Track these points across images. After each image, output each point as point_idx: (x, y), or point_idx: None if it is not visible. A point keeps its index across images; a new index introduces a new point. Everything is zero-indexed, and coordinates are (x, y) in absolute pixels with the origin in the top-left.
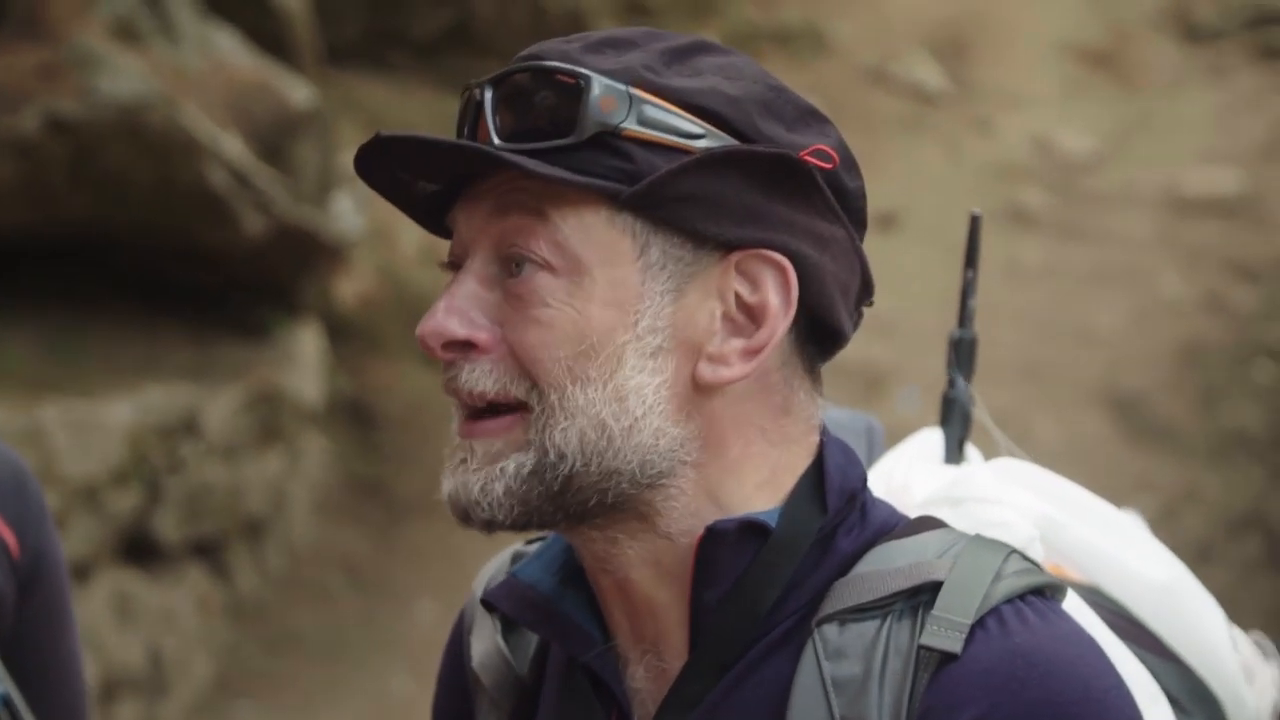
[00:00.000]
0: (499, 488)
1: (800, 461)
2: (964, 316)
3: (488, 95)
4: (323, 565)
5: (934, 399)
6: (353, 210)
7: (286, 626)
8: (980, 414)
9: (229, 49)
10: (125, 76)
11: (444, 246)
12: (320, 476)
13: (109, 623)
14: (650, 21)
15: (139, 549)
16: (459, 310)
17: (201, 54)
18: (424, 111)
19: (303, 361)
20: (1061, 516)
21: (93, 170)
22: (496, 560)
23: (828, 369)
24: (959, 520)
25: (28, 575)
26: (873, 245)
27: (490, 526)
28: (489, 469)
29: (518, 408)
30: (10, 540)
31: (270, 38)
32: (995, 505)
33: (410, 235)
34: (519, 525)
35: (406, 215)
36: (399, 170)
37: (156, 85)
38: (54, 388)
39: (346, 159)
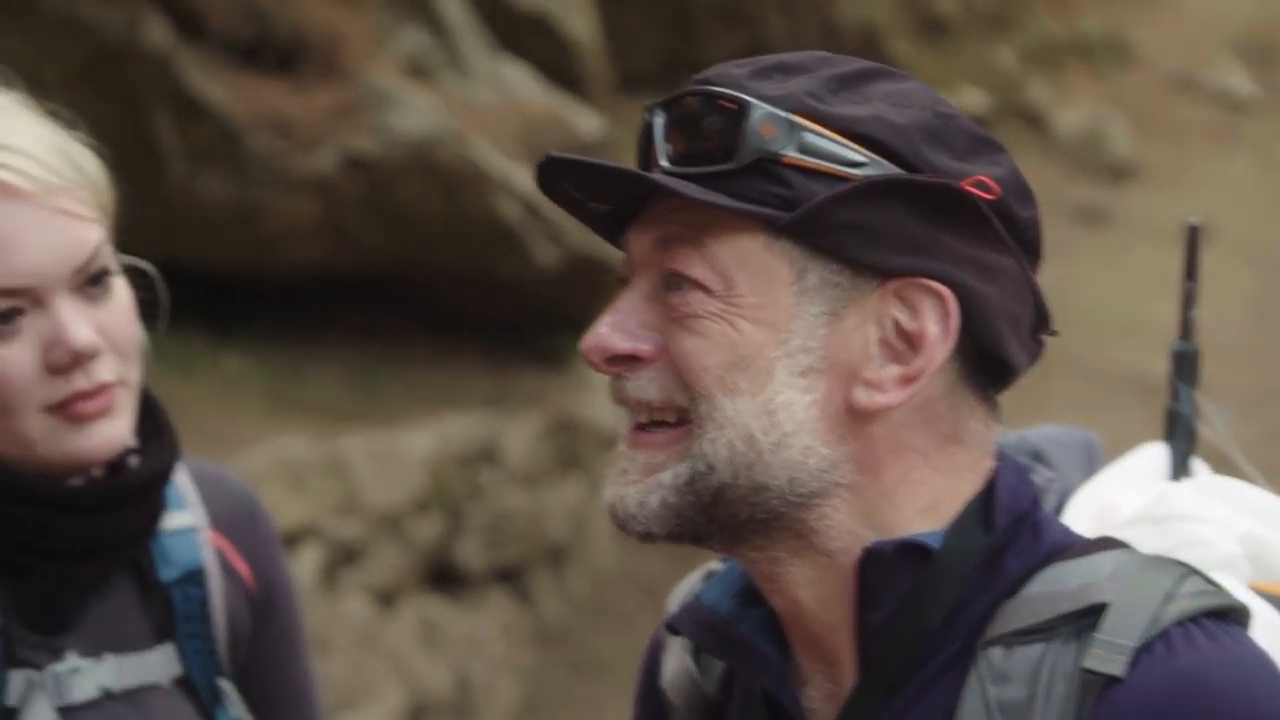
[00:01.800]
0: (655, 500)
1: (969, 488)
2: (1185, 328)
3: (659, 119)
4: (625, 590)
5: (1248, 414)
6: None
7: (590, 651)
8: (1211, 428)
9: (519, 82)
10: (417, 113)
11: None
12: None
13: (416, 649)
14: (947, 38)
15: (443, 576)
16: (621, 325)
17: (492, 88)
18: None
19: (599, 388)
20: (1271, 533)
21: (387, 206)
22: (689, 579)
23: (1138, 383)
24: (1161, 539)
25: (262, 605)
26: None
27: (647, 538)
28: (647, 480)
29: (681, 422)
30: (245, 571)
31: (561, 69)
32: (1197, 523)
33: None
34: (674, 538)
35: (590, 229)
36: (573, 191)
37: (447, 121)
38: (356, 419)
39: None
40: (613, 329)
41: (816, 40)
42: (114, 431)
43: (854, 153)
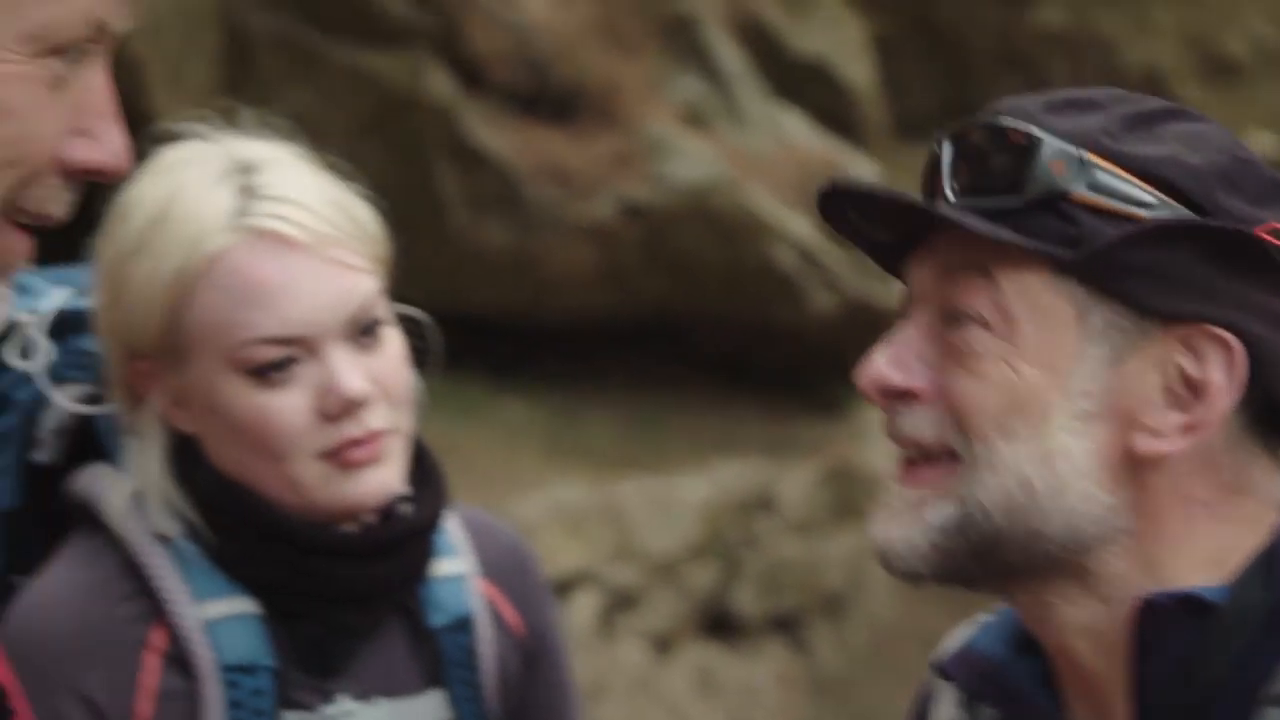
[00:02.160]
0: (923, 540)
1: (1252, 540)
2: None
3: (947, 149)
4: (904, 641)
5: None
6: None
7: (867, 702)
8: None
9: (795, 129)
10: (694, 161)
11: None
12: None
13: (691, 695)
14: (1237, 80)
15: (719, 623)
16: (898, 359)
17: (768, 135)
18: None
19: (876, 436)
20: None
21: (665, 253)
22: (962, 627)
23: None
24: None
25: (532, 653)
26: None
27: (912, 578)
28: (913, 518)
29: (952, 459)
30: (514, 619)
31: (837, 115)
32: None
33: None
34: (941, 579)
35: (869, 258)
36: (858, 219)
37: (724, 168)
38: (633, 465)
39: None
40: (889, 362)
41: (1099, 83)
42: (385, 478)
43: (1145, 193)
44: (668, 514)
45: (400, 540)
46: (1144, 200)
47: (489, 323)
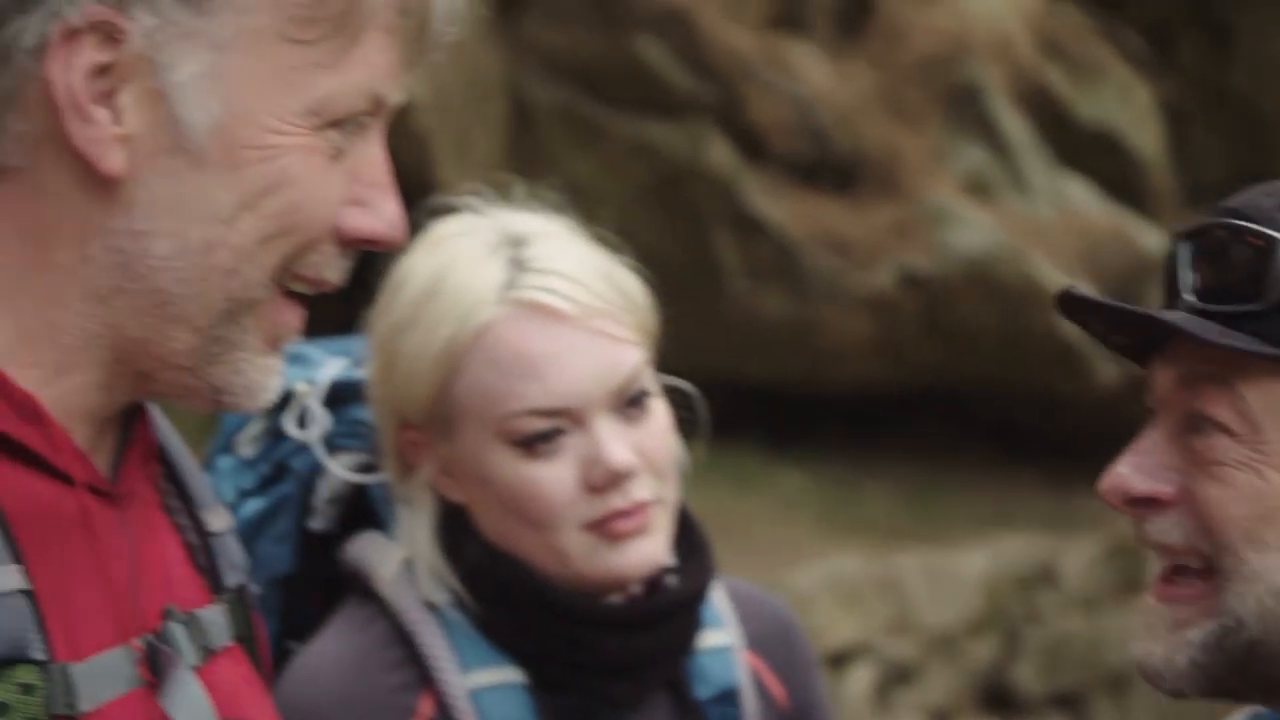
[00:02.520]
0: (1183, 659)
1: None
2: None
3: (1184, 249)
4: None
5: None
6: None
7: None
8: None
9: (1080, 198)
10: (975, 230)
11: None
12: None
13: None
14: None
15: (998, 699)
16: (1141, 466)
17: (1052, 204)
18: None
19: None
20: None
21: (943, 323)
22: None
23: None
24: None
25: None
26: None
27: (1177, 695)
28: (1173, 638)
29: (1209, 571)
30: (779, 692)
31: (1124, 184)
32: None
33: None
34: (1207, 695)
35: (1117, 354)
36: (1097, 325)
37: (1006, 237)
38: (911, 536)
39: None
40: (1133, 470)
41: None
42: (651, 550)
43: None
44: (946, 586)
45: (666, 612)
46: None
47: (766, 392)
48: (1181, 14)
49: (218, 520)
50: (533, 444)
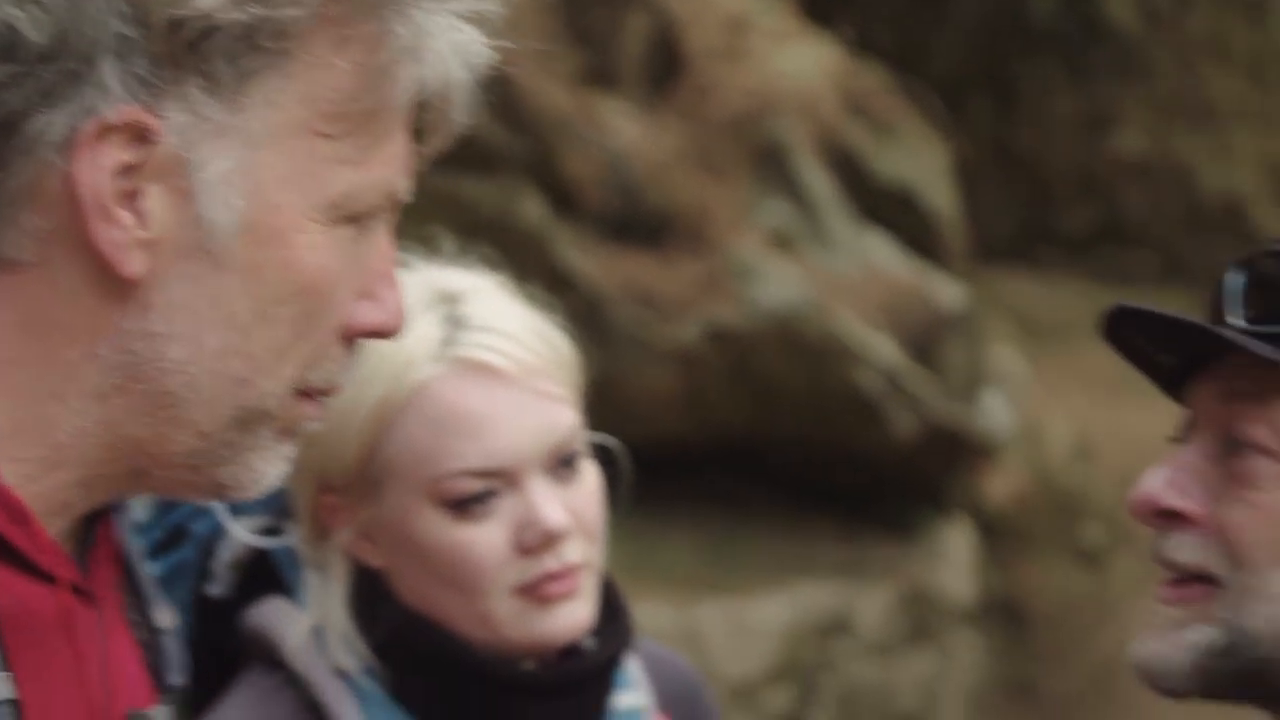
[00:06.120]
0: (1185, 660)
1: None
2: None
3: (1235, 277)
4: None
5: None
6: (1002, 408)
7: None
8: None
9: (881, 253)
10: (780, 285)
11: (1096, 444)
12: (972, 676)
13: None
14: None
15: None
16: (1175, 481)
17: (854, 259)
18: (1073, 308)
19: (953, 560)
20: None
21: (749, 378)
22: None
23: None
24: None
25: None
26: None
27: (1173, 695)
28: (1172, 637)
29: (1210, 582)
30: None
31: (922, 240)
32: None
33: (1061, 433)
34: (1204, 697)
35: (1149, 380)
36: (1139, 340)
37: (810, 292)
38: (711, 587)
39: (996, 357)
40: (1168, 484)
41: (1178, 211)
42: (579, 614)
43: None
44: (745, 636)
45: (586, 677)
46: None
47: None
48: (972, 73)
49: (165, 617)
50: (466, 505)
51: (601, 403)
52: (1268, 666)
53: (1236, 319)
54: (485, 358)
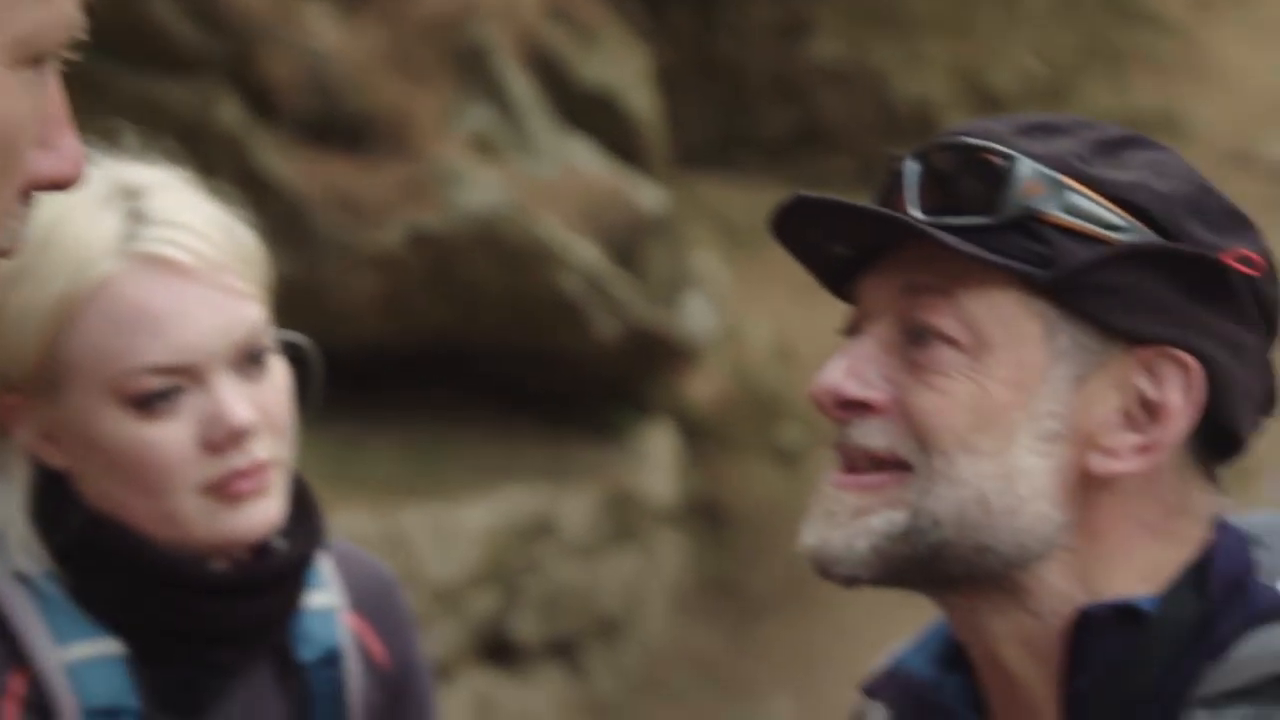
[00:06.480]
0: (864, 544)
1: (1185, 555)
2: None
3: (912, 167)
4: (677, 665)
5: None
6: (703, 312)
7: None
8: None
9: (582, 158)
10: (482, 189)
11: (795, 346)
12: (674, 576)
13: None
14: (1000, 110)
15: (498, 650)
16: (856, 371)
17: (556, 164)
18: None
19: (656, 462)
20: None
21: (451, 281)
22: (891, 649)
23: None
24: None
25: (397, 686)
26: None
27: (851, 582)
28: (855, 524)
29: (898, 466)
30: (380, 653)
31: (623, 145)
32: None
33: (761, 335)
34: (880, 583)
35: (812, 275)
36: (813, 232)
37: (512, 197)
38: (414, 492)
39: (697, 261)
40: (848, 374)
41: (872, 117)
42: (268, 511)
43: (1116, 217)
44: (449, 541)
45: (276, 577)
46: (1115, 224)
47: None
48: None
49: None
50: (149, 403)
51: (304, 308)
52: (944, 550)
53: (915, 210)
54: (168, 252)
